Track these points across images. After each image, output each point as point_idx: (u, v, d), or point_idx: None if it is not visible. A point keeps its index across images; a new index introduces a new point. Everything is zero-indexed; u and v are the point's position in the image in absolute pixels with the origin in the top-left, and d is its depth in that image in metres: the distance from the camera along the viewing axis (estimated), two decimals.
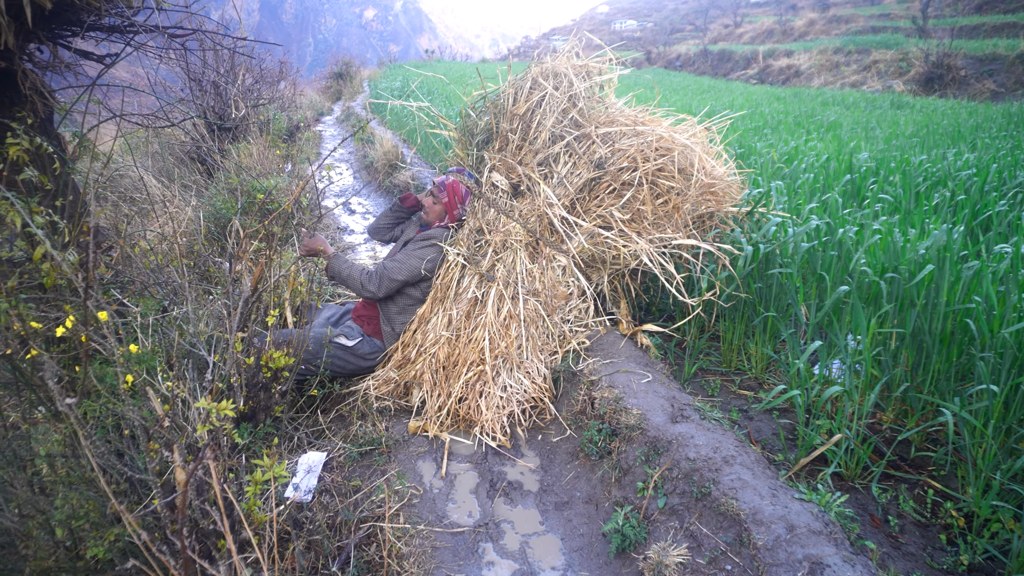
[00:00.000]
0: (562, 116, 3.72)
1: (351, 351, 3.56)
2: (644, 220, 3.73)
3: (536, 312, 3.55)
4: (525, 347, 3.48)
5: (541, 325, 3.57)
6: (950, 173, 5.72)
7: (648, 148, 3.78)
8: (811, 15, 40.47)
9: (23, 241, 3.23)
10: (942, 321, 2.89)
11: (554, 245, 3.61)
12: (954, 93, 19.83)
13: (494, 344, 3.40)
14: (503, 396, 3.36)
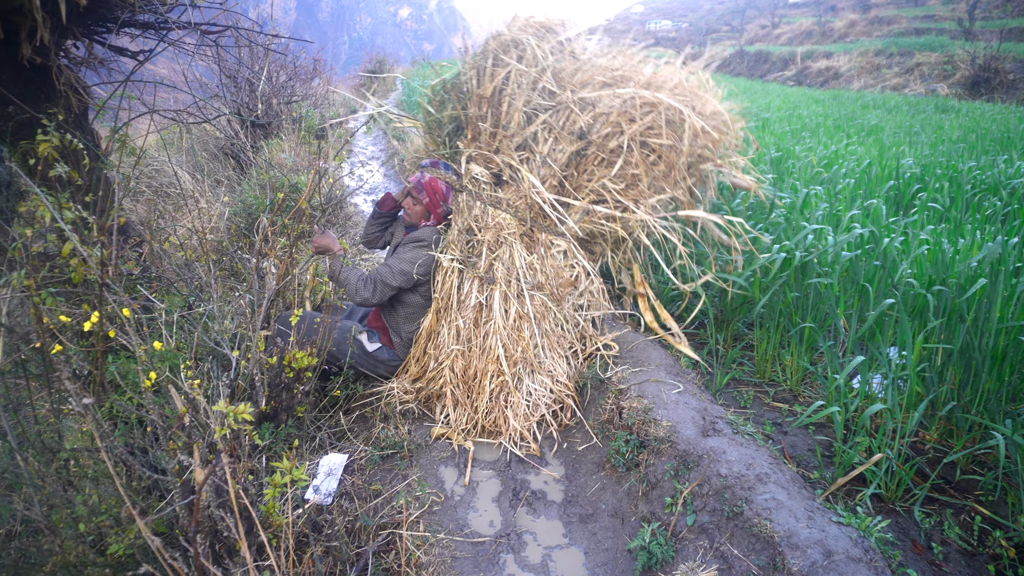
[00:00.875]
0: (532, 89, 3.33)
1: (372, 356, 3.51)
2: (639, 184, 3.45)
3: (545, 306, 3.38)
4: (542, 346, 3.36)
5: (552, 318, 3.42)
6: (1002, 181, 5.49)
7: (632, 107, 3.43)
8: (852, 16, 39.62)
9: (52, 236, 3.25)
10: (994, 338, 2.73)
11: (549, 230, 3.40)
12: (1001, 97, 19.21)
13: (509, 351, 3.29)
14: (528, 402, 3.28)
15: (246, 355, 2.96)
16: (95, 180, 3.81)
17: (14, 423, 2.34)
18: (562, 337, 3.47)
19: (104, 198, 3.78)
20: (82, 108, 4.04)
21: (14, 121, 3.67)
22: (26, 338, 2.55)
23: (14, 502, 2.23)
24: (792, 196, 4.67)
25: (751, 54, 36.33)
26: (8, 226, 3.92)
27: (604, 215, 3.45)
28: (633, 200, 3.48)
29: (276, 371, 3.04)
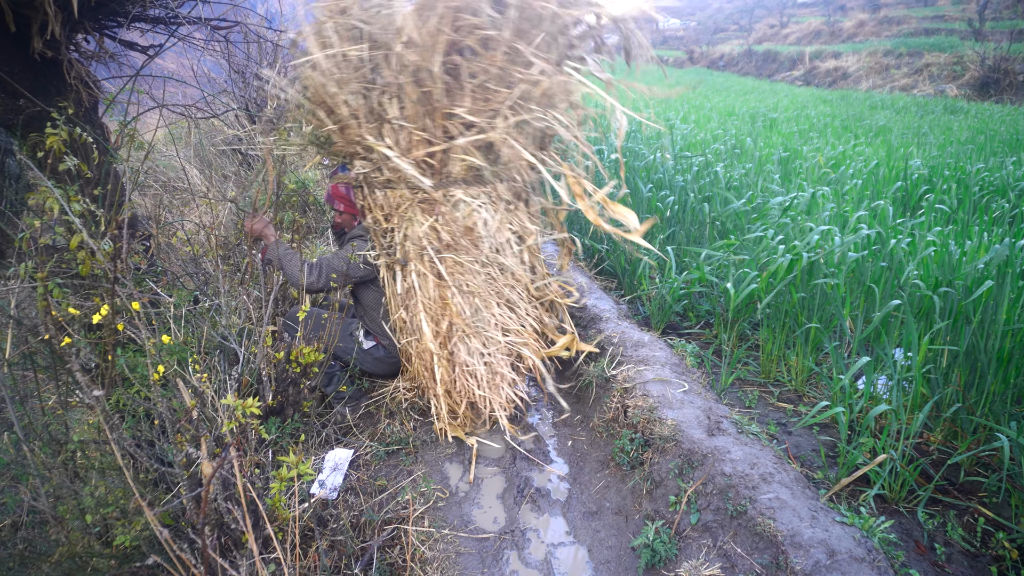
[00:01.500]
0: (357, 69, 2.92)
1: (367, 353, 3.52)
2: (498, 96, 2.94)
3: (459, 264, 3.09)
4: (478, 306, 3.10)
5: (477, 273, 3.12)
6: (1010, 183, 5.47)
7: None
8: (861, 16, 39.41)
9: (60, 228, 3.27)
10: (1000, 340, 2.73)
11: (443, 185, 3.05)
12: (1011, 99, 19.10)
13: (436, 326, 3.10)
14: (486, 370, 3.11)
15: (253, 350, 2.98)
16: (104, 174, 3.83)
17: (21, 415, 2.36)
18: (507, 286, 3.17)
19: (113, 192, 3.81)
20: (92, 102, 4.06)
21: (25, 114, 3.70)
22: (34, 330, 2.57)
23: (20, 493, 2.26)
24: (799, 196, 4.66)
25: (759, 53, 36.19)
26: (17, 218, 3.96)
27: (467, 143, 2.97)
28: (490, 116, 2.98)
29: (283, 366, 3.06)
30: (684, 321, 4.39)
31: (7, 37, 3.46)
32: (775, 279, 3.49)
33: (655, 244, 5.02)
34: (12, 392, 2.52)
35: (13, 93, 3.62)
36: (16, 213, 4.07)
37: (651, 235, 5.23)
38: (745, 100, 16.67)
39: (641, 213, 5.32)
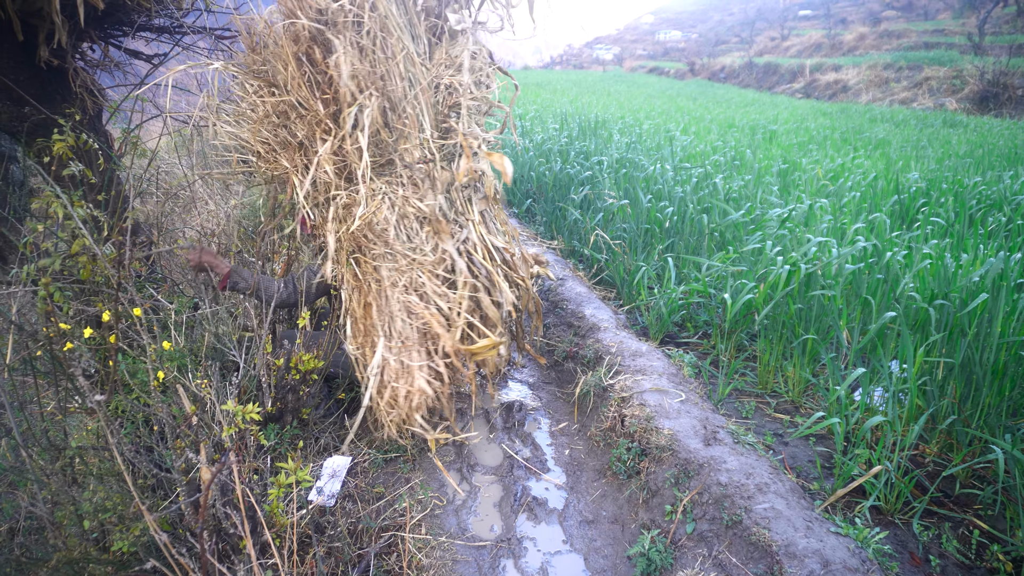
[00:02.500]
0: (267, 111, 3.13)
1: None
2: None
3: (379, 258, 3.04)
4: (389, 295, 3.00)
5: (393, 260, 3.04)
6: (1006, 197, 5.50)
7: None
8: (861, 29, 39.67)
9: (63, 233, 3.30)
10: (995, 353, 2.75)
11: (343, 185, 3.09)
12: (1010, 113, 19.21)
13: (357, 323, 3.09)
14: (394, 359, 3.00)
15: (252, 357, 3.00)
16: (106, 180, 3.86)
17: (19, 420, 2.37)
18: (414, 263, 3.03)
19: (117, 198, 3.84)
20: (96, 110, 4.10)
21: (30, 121, 3.73)
22: (34, 335, 2.59)
23: (18, 499, 2.27)
24: (797, 208, 4.70)
25: (760, 66, 36.40)
26: (20, 224, 3.98)
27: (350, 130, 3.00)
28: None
29: (282, 373, 3.07)
30: (682, 331, 4.41)
31: (14, 46, 3.50)
32: (773, 290, 3.51)
33: (654, 254, 5.05)
34: (11, 398, 2.54)
35: (19, 100, 3.65)
36: (19, 219, 4.10)
37: (651, 245, 5.26)
38: (745, 112, 16.75)
39: (641, 222, 5.36)
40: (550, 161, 7.12)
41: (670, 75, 45.79)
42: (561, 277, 5.05)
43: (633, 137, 8.68)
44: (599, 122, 9.80)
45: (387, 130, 3.01)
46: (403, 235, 3.04)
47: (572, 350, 3.99)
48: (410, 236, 3.05)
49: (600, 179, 6.32)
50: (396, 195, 3.02)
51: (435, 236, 3.06)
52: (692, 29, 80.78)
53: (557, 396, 3.83)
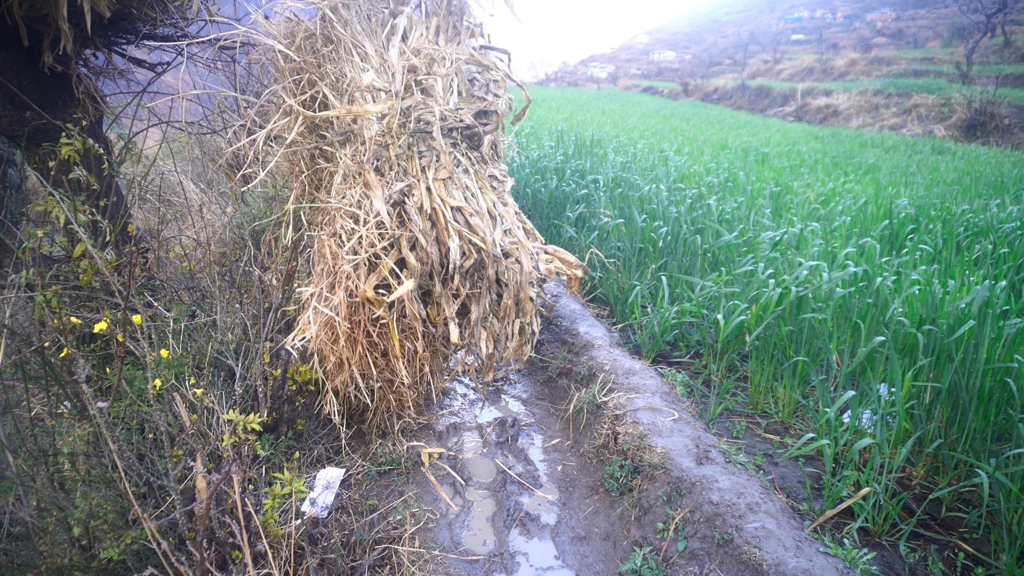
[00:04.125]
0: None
1: None
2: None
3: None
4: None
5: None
6: (993, 225, 5.60)
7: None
8: (852, 55, 40.29)
9: (64, 238, 3.31)
10: (980, 378, 2.81)
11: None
12: (997, 141, 19.54)
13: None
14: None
15: (249, 366, 3.01)
16: (106, 186, 3.88)
17: (6, 423, 2.38)
18: (338, 210, 3.31)
19: (116, 204, 3.86)
20: (97, 116, 4.12)
21: (30, 126, 3.75)
22: (28, 340, 2.59)
23: (2, 505, 2.26)
24: (789, 231, 4.78)
25: (752, 88, 36.84)
26: (16, 228, 3.99)
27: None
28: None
29: (279, 383, 3.09)
30: (674, 350, 4.46)
31: (19, 51, 3.53)
32: (765, 312, 3.57)
33: (648, 274, 5.11)
34: (7, 401, 2.55)
35: (20, 105, 3.68)
36: (15, 223, 4.11)
37: (644, 264, 5.32)
38: (738, 134, 16.95)
39: (635, 241, 5.42)
40: (546, 178, 7.18)
41: (664, 95, 46.26)
42: (555, 294, 5.09)
43: (628, 157, 8.76)
44: (594, 141, 9.90)
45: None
46: (343, 191, 3.32)
47: (566, 367, 4.03)
48: (345, 194, 3.30)
49: (595, 198, 6.39)
50: (347, 158, 3.33)
51: (364, 187, 3.24)
52: (686, 50, 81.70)
53: (550, 412, 3.86)
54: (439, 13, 3.65)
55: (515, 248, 3.32)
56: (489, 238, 3.18)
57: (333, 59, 3.44)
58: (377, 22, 3.51)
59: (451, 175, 3.32)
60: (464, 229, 3.19)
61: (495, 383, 4.23)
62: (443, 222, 3.16)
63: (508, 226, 3.41)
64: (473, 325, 3.31)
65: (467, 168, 3.46)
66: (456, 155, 3.46)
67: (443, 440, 3.51)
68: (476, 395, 4.07)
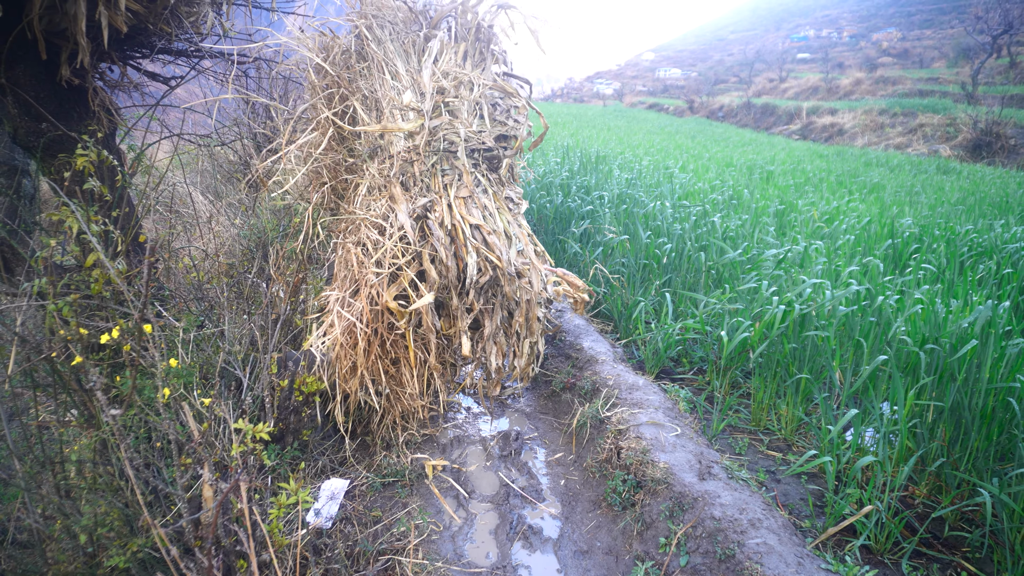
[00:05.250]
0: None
1: None
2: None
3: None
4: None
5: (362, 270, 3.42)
6: (997, 245, 5.62)
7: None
8: (858, 74, 40.46)
9: (76, 247, 3.36)
10: (983, 398, 2.83)
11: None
12: (1002, 161, 19.57)
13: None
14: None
15: (258, 377, 3.04)
16: (118, 197, 3.94)
17: (14, 430, 2.40)
18: (364, 220, 3.47)
19: (128, 215, 3.91)
20: (111, 128, 4.19)
21: (46, 137, 3.81)
22: (38, 348, 2.62)
23: (9, 511, 2.28)
24: (793, 249, 4.80)
25: (758, 106, 36.99)
26: (29, 237, 4.05)
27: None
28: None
29: (286, 394, 3.12)
30: (678, 366, 4.48)
31: (37, 64, 3.60)
32: (768, 329, 3.59)
33: (652, 290, 5.14)
34: (12, 409, 2.58)
35: (37, 116, 3.74)
36: (28, 232, 4.17)
37: (648, 280, 5.35)
38: (743, 152, 17.01)
39: (639, 258, 5.45)
40: (551, 194, 7.23)
41: (669, 112, 46.49)
42: (560, 309, 5.12)
43: (633, 173, 8.82)
44: (600, 157, 9.96)
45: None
46: (368, 202, 3.47)
47: (570, 381, 4.05)
48: (370, 205, 3.44)
49: (600, 214, 6.43)
50: (374, 171, 3.47)
51: (390, 201, 3.36)
52: (692, 67, 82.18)
53: (554, 426, 3.87)
54: (467, 39, 3.82)
55: (527, 268, 3.39)
56: (505, 257, 3.26)
57: (365, 76, 3.56)
58: (410, 43, 3.65)
59: (471, 194, 3.44)
60: (482, 246, 3.28)
61: (498, 397, 4.25)
62: (462, 238, 3.26)
63: (522, 247, 3.48)
64: (485, 339, 3.39)
65: (486, 188, 3.59)
66: (477, 175, 3.59)
67: (447, 453, 3.53)
68: (480, 409, 4.09)
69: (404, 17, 3.82)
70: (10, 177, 4.32)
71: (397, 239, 3.22)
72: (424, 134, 3.34)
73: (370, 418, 3.56)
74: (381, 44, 3.60)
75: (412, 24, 3.80)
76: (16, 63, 3.56)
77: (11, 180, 4.31)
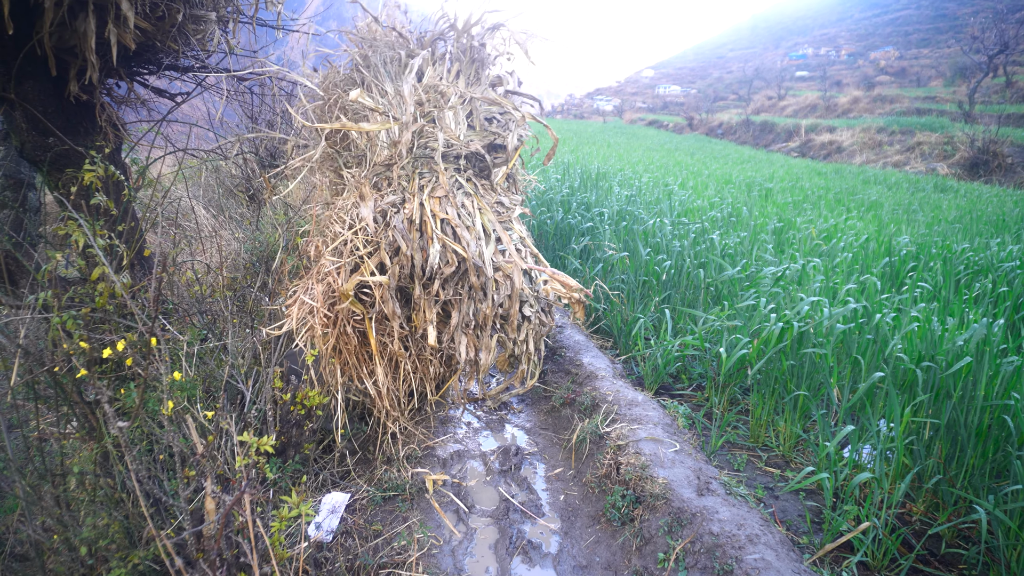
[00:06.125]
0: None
1: None
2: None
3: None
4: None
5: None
6: (993, 263, 5.67)
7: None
8: (855, 93, 40.78)
9: (82, 260, 3.40)
10: (979, 415, 2.86)
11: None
12: (999, 180, 19.70)
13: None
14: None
15: (259, 390, 3.07)
16: (122, 211, 3.98)
17: (14, 442, 2.42)
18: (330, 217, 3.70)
19: (132, 229, 3.95)
20: (117, 143, 4.25)
21: (52, 152, 3.86)
22: (40, 360, 2.65)
23: (7, 523, 2.30)
24: (791, 267, 4.85)
25: (757, 124, 37.23)
26: (34, 250, 4.09)
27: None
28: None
29: (287, 407, 3.14)
30: (677, 383, 4.50)
31: (46, 80, 3.65)
32: (766, 346, 3.62)
33: (651, 306, 5.17)
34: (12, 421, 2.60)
35: (44, 131, 3.79)
36: (33, 245, 4.21)
37: (648, 297, 5.39)
38: (742, 169, 17.11)
39: (639, 274, 5.49)
40: (551, 211, 7.29)
41: (669, 128, 46.79)
42: (560, 325, 5.16)
43: (633, 190, 8.89)
44: (600, 174, 10.04)
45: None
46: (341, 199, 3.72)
47: (569, 397, 4.07)
48: (337, 203, 3.70)
49: (600, 230, 6.48)
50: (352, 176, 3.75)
51: (359, 198, 3.58)
52: (691, 84, 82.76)
53: (553, 442, 3.89)
54: (462, 60, 4.12)
55: (509, 266, 3.46)
56: (473, 249, 3.37)
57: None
58: (396, 64, 3.89)
59: (447, 194, 3.62)
60: (448, 239, 3.41)
61: (499, 412, 4.28)
62: (430, 231, 3.36)
63: (504, 246, 3.57)
64: (453, 330, 3.45)
65: (468, 192, 3.74)
66: (458, 179, 3.78)
67: (447, 467, 3.55)
68: (480, 423, 4.12)
69: (394, 41, 4.12)
70: (16, 191, 4.37)
71: (360, 232, 3.40)
72: (403, 141, 3.53)
73: (368, 424, 3.60)
74: (371, 67, 3.89)
75: (399, 47, 4.09)
76: (26, 79, 3.62)
77: (17, 193, 4.36)
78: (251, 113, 9.33)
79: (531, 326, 3.68)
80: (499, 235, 3.61)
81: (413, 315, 3.49)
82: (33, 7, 3.25)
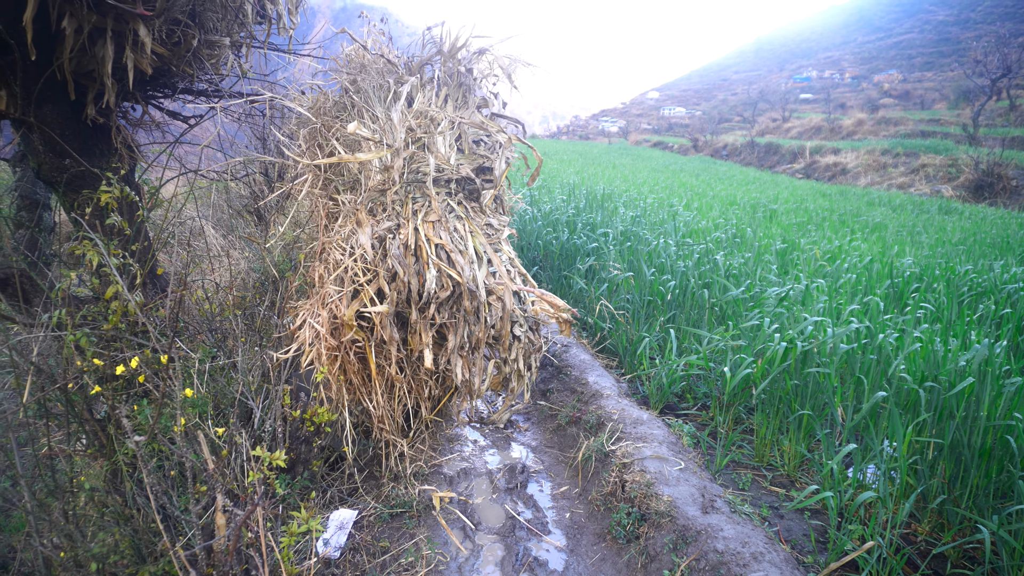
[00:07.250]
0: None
1: None
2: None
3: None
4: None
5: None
6: (996, 285, 5.70)
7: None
8: (860, 115, 41.01)
9: (96, 279, 3.47)
10: (982, 435, 2.88)
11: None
12: (1004, 202, 19.73)
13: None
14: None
15: (269, 407, 3.11)
16: (135, 231, 4.06)
17: (24, 459, 2.46)
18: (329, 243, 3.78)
19: (145, 249, 4.03)
20: (131, 164, 4.34)
21: (68, 173, 3.95)
22: (52, 378, 2.70)
23: (17, 539, 2.33)
24: (795, 288, 4.89)
25: (761, 145, 37.42)
26: (48, 268, 4.16)
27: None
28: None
29: (297, 424, 3.18)
30: (682, 402, 4.53)
31: (65, 103, 3.75)
32: (770, 366, 3.65)
33: (656, 326, 5.21)
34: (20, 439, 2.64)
35: (61, 153, 3.88)
36: (47, 264, 4.28)
37: (653, 317, 5.43)
38: (747, 190, 17.20)
39: (644, 294, 5.54)
40: (557, 231, 7.36)
41: (674, 150, 47.06)
42: (566, 344, 5.20)
43: (638, 211, 8.96)
44: (605, 195, 10.13)
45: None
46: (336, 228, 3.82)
47: (575, 415, 4.10)
48: (337, 230, 3.78)
49: (606, 251, 6.54)
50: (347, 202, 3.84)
51: (356, 225, 3.66)
52: (696, 106, 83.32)
53: (559, 460, 3.92)
54: (450, 84, 4.24)
55: (500, 288, 3.53)
56: (467, 274, 3.45)
57: (347, 120, 3.94)
58: (386, 90, 4.03)
59: (440, 218, 3.71)
60: (443, 264, 3.49)
61: (505, 430, 4.31)
62: (425, 256, 3.44)
63: (495, 269, 3.65)
64: (449, 352, 3.51)
65: (460, 215, 3.84)
66: (450, 203, 3.87)
67: (454, 485, 3.58)
68: (486, 441, 4.15)
69: (383, 68, 4.27)
70: (32, 211, 4.45)
71: (359, 259, 3.49)
72: (395, 167, 3.62)
73: (371, 440, 3.64)
74: (361, 93, 4.04)
75: (388, 74, 4.22)
76: (45, 103, 3.71)
77: (32, 214, 4.45)
78: (260, 135, 9.49)
79: (521, 345, 3.75)
80: (490, 257, 3.71)
81: (409, 337, 3.55)
82: (54, 34, 3.35)
